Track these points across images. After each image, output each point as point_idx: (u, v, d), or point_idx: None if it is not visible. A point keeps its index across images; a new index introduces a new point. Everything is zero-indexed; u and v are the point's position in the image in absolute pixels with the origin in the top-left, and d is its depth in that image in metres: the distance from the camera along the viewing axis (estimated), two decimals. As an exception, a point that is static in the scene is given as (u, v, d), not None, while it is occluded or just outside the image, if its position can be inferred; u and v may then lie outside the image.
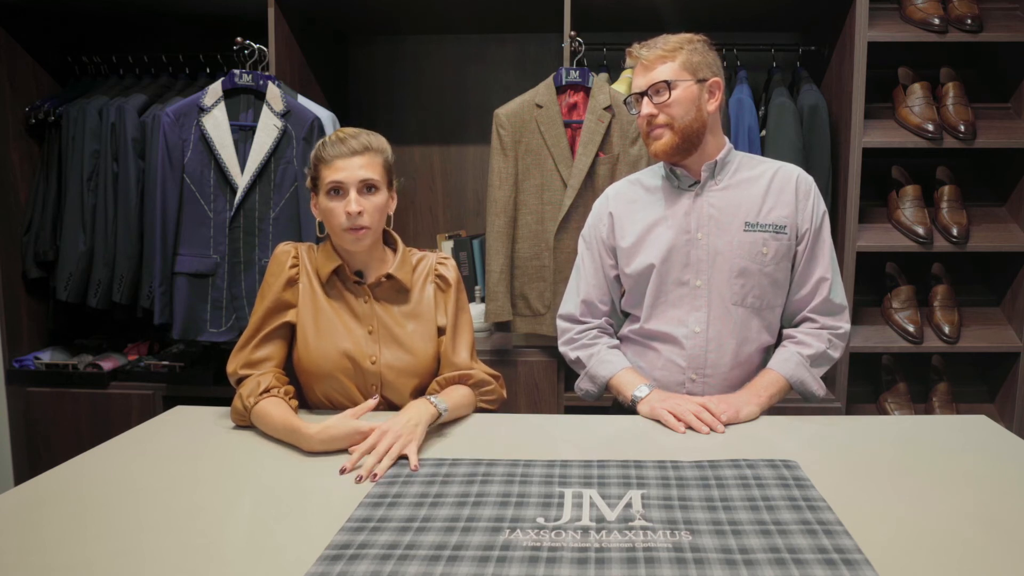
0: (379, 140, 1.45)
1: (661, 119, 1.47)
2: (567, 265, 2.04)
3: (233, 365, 1.43)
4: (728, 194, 1.52)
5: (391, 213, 1.48)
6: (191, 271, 2.17)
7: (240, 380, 1.41)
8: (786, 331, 1.59)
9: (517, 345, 2.37)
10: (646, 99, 1.47)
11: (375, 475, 1.14)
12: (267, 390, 1.36)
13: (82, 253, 2.35)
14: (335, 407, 1.47)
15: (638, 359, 1.60)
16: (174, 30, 2.69)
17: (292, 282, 1.46)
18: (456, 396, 1.41)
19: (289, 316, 1.45)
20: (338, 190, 1.39)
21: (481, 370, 1.51)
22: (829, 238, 1.55)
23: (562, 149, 2.21)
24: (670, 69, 1.45)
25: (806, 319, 1.56)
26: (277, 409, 1.32)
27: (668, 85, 1.45)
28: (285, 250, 1.48)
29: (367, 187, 1.40)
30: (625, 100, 1.55)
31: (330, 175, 1.39)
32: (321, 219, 1.46)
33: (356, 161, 1.39)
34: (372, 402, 1.30)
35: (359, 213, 1.38)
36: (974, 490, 1.07)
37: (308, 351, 1.44)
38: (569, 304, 1.66)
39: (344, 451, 1.23)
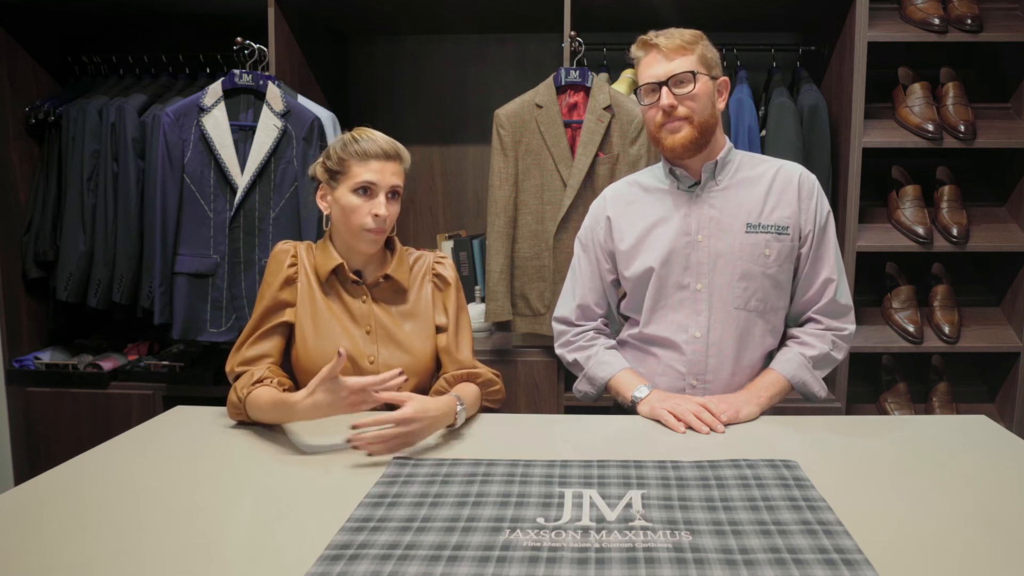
0: (405, 149, 1.47)
1: (681, 111, 1.41)
2: (567, 265, 2.03)
3: (231, 364, 1.43)
4: (729, 195, 1.50)
5: None
6: (191, 271, 2.17)
7: (236, 378, 1.42)
8: (790, 331, 1.57)
9: (517, 345, 2.37)
10: (665, 89, 1.41)
11: (369, 451, 1.19)
12: (260, 380, 1.36)
13: (82, 253, 2.35)
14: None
15: (637, 365, 1.58)
16: (174, 30, 2.69)
17: (290, 281, 1.46)
18: (469, 399, 1.40)
19: (287, 315, 1.45)
20: (367, 189, 1.40)
21: (485, 368, 1.51)
22: (834, 238, 1.52)
23: (562, 149, 2.21)
24: (690, 61, 1.41)
25: (810, 320, 1.55)
26: (267, 392, 1.32)
27: (693, 76, 1.40)
28: (284, 249, 1.48)
29: (393, 193, 1.43)
30: (635, 90, 1.49)
31: (364, 173, 1.39)
32: (331, 212, 1.46)
33: (391, 166, 1.41)
34: (342, 357, 1.19)
35: (385, 218, 1.40)
36: (974, 490, 1.07)
37: (307, 350, 1.44)
38: (564, 308, 1.65)
39: (335, 430, 1.22)
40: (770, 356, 1.56)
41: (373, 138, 1.42)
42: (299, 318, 1.45)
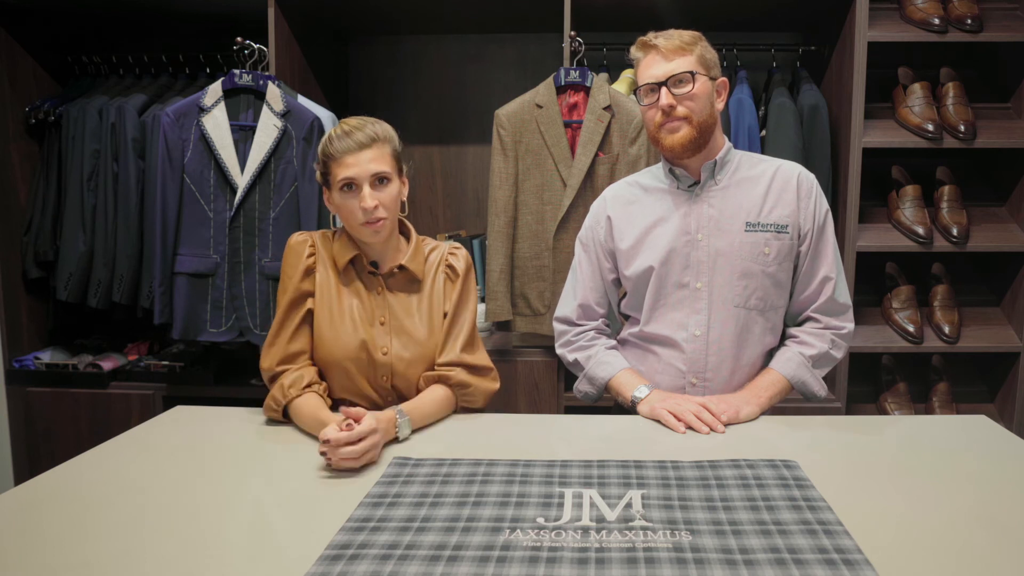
0: (385, 128, 1.43)
1: (680, 111, 1.42)
2: (567, 265, 2.04)
3: (269, 361, 1.43)
4: (728, 194, 1.50)
5: (404, 199, 1.47)
6: (191, 271, 2.16)
7: (275, 376, 1.42)
8: (789, 330, 1.58)
9: (517, 345, 2.37)
10: (664, 89, 1.42)
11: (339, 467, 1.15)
12: (309, 384, 1.40)
13: (82, 253, 2.35)
14: (343, 396, 1.48)
15: (638, 364, 1.58)
16: (174, 30, 2.69)
17: (310, 271, 1.47)
18: (427, 406, 1.40)
19: (309, 304, 1.46)
20: (351, 185, 1.39)
21: (473, 362, 1.48)
22: (833, 237, 1.53)
23: (562, 149, 2.21)
24: (689, 62, 1.42)
25: (809, 319, 1.55)
26: (313, 402, 1.37)
27: (692, 76, 1.41)
28: (301, 240, 1.48)
29: (379, 179, 1.40)
30: (635, 90, 1.50)
31: (341, 172, 1.38)
32: (336, 213, 1.46)
33: (365, 155, 1.38)
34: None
35: (375, 207, 1.38)
36: (974, 490, 1.07)
37: (322, 341, 1.44)
38: (565, 307, 1.65)
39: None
40: (770, 354, 1.56)
41: (347, 131, 1.40)
42: (317, 308, 1.46)
